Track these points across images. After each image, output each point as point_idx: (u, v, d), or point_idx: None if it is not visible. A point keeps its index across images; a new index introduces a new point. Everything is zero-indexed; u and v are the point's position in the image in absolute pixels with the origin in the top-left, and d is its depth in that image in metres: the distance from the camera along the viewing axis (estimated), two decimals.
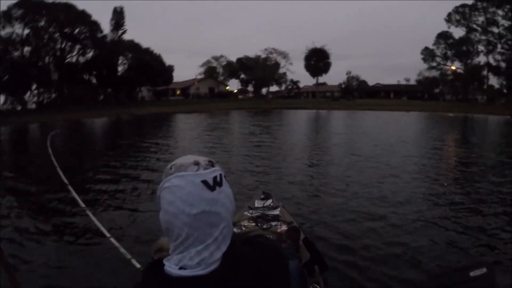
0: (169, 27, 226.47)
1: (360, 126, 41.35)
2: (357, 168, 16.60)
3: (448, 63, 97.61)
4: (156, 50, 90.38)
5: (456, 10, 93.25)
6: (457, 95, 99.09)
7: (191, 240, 1.21)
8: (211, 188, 1.23)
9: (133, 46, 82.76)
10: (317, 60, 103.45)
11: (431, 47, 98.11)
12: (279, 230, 6.03)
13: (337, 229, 8.86)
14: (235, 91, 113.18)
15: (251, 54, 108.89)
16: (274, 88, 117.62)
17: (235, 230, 5.91)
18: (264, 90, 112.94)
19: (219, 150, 22.25)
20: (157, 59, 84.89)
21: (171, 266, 1.22)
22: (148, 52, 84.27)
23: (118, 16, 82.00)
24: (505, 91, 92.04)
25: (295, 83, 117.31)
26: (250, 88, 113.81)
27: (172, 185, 1.23)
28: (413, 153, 21.31)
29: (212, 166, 1.28)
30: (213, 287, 1.20)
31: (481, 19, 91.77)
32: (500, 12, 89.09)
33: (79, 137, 32.84)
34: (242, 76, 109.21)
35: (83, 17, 76.43)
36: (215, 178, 1.25)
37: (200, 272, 1.20)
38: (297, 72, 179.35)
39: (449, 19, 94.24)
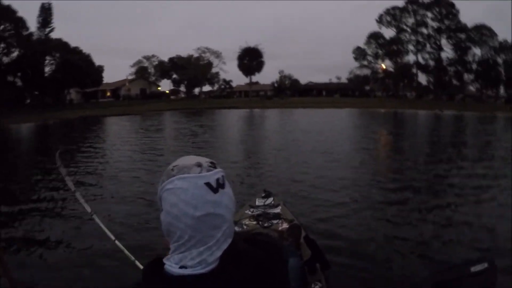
0: (99, 25, 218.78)
1: (297, 123, 41.83)
2: (311, 163, 17.00)
3: (379, 61, 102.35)
4: (85, 49, 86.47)
5: (387, 11, 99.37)
6: (387, 92, 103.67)
7: (193, 241, 1.22)
8: (215, 190, 1.24)
9: (61, 45, 78.21)
10: (250, 59, 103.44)
11: (362, 46, 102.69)
12: (280, 228, 6.02)
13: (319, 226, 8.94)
14: (167, 91, 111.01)
15: (184, 53, 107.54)
16: (206, 88, 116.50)
17: (236, 228, 5.62)
18: (196, 90, 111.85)
19: (164, 152, 21.59)
20: (86, 59, 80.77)
21: (171, 265, 1.23)
22: (76, 51, 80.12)
23: (45, 13, 77.52)
24: (432, 87, 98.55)
25: (228, 82, 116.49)
26: (182, 88, 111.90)
27: (175, 187, 1.23)
28: (358, 146, 22.87)
29: (214, 167, 1.28)
30: (214, 285, 1.21)
31: (411, 20, 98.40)
32: (429, 14, 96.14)
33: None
34: (174, 76, 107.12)
35: (8, 14, 71.18)
36: (218, 180, 1.26)
37: (201, 271, 1.21)
38: (230, 71, 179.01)
39: (380, 20, 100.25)
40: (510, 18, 78.26)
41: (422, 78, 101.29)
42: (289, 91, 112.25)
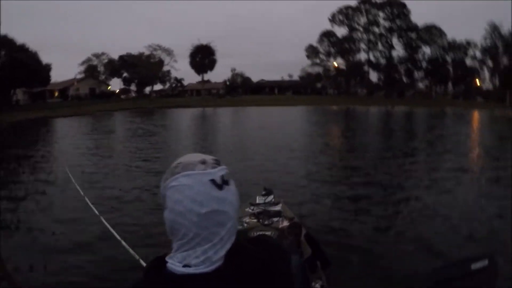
0: (46, 21, 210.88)
1: (254, 122, 42.06)
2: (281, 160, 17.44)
3: (331, 59, 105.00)
4: (32, 46, 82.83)
5: (340, 11, 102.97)
6: (339, 89, 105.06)
7: (198, 239, 1.22)
8: (219, 187, 1.24)
9: (6, 42, 73.41)
10: (203, 57, 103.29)
11: (315, 44, 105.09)
12: (280, 226, 6.03)
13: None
14: (117, 91, 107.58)
15: (135, 51, 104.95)
16: (158, 87, 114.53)
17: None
18: (147, 89, 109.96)
19: (120, 154, 21.21)
20: (34, 57, 77.52)
21: (174, 264, 1.22)
22: (23, 49, 76.69)
23: None
24: (382, 84, 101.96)
25: (179, 81, 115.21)
26: (132, 87, 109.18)
27: (179, 184, 1.22)
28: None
29: (219, 164, 1.29)
30: (217, 284, 1.20)
31: (363, 20, 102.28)
32: (381, 14, 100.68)
33: None
34: (125, 74, 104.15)
35: None
36: (222, 176, 1.26)
37: (205, 269, 1.21)
38: (181, 69, 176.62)
39: (333, 19, 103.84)
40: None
41: (373, 76, 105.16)
42: (241, 89, 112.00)
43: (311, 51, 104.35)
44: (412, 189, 12.44)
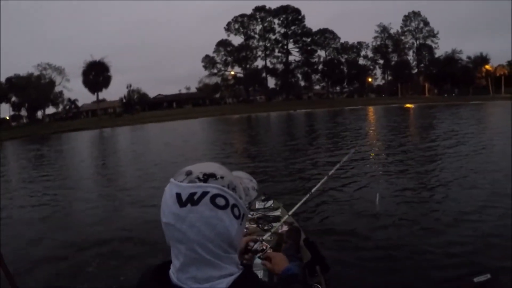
0: None
1: (159, 138, 40.17)
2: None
3: (229, 68, 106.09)
4: None
5: (236, 19, 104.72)
6: (238, 98, 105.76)
7: (174, 250, 1.20)
8: (182, 203, 1.14)
9: None
10: (97, 74, 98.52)
11: (211, 55, 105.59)
12: (280, 231, 5.91)
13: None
14: (7, 117, 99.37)
15: (23, 72, 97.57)
16: (51, 110, 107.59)
17: None
18: (40, 113, 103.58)
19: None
20: None
21: (173, 272, 1.21)
22: None
23: None
24: (278, 89, 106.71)
25: (73, 102, 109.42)
26: (23, 112, 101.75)
27: (166, 189, 1.22)
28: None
29: (204, 181, 1.17)
30: None
31: (259, 27, 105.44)
32: (276, 20, 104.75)
33: None
34: (14, 99, 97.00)
35: None
36: (192, 194, 1.15)
37: None
38: (75, 89, 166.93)
39: (228, 28, 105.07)
40: None
41: (271, 82, 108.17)
42: (139, 106, 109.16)
43: (208, 61, 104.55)
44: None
